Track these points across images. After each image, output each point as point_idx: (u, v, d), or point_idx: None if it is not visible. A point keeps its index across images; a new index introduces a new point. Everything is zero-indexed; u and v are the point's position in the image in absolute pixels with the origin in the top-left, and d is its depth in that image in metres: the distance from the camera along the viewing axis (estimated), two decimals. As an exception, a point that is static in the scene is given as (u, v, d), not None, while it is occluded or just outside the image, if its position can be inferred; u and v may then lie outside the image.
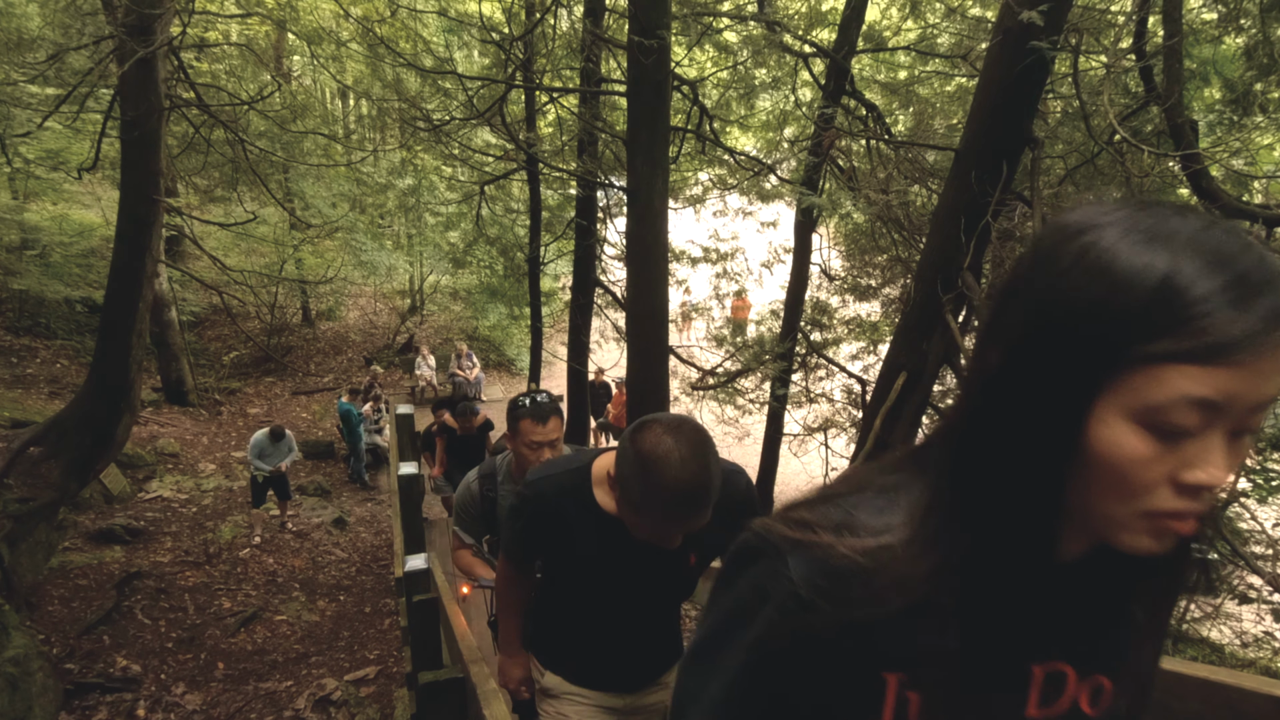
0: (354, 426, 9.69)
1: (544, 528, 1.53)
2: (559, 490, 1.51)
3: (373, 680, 5.75)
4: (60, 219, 11.15)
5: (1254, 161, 4.55)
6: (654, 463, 1.21)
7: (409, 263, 15.60)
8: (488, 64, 9.56)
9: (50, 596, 6.02)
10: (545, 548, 1.59)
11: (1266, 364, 0.48)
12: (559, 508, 1.51)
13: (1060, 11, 3.65)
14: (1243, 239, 0.50)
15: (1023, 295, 0.55)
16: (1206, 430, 0.51)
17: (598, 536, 1.50)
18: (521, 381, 14.28)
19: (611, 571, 1.54)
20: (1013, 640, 0.59)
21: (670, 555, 1.46)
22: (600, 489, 1.51)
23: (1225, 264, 0.48)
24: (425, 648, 3.97)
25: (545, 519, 1.52)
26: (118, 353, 6.27)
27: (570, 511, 1.50)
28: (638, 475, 1.24)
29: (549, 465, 1.60)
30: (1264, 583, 3.78)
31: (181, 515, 7.97)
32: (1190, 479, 0.52)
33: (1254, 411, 0.51)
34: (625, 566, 1.52)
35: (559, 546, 1.55)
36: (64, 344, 11.23)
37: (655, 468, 1.21)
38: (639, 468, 1.23)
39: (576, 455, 1.61)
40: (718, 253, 9.98)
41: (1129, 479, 0.53)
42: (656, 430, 1.25)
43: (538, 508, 1.52)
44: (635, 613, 1.63)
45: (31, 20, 8.41)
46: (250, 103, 8.21)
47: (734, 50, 7.48)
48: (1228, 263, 0.48)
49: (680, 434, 1.24)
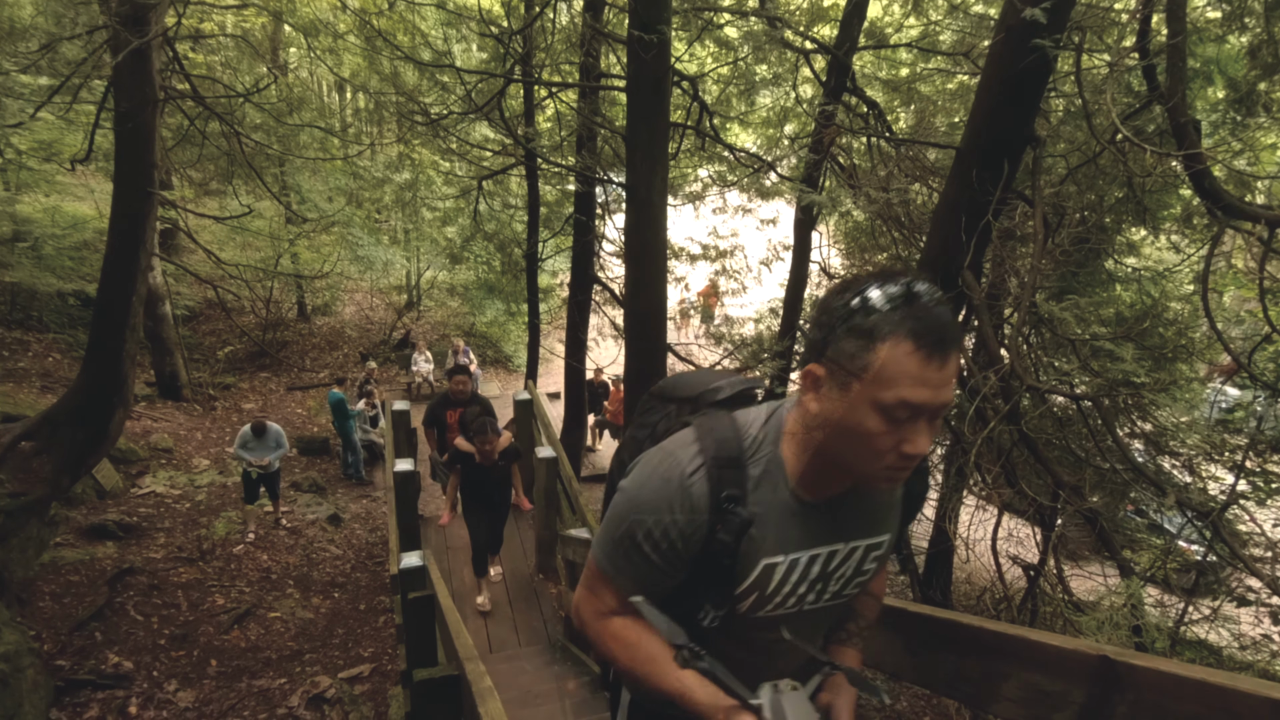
0: (345, 418, 9.62)
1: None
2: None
3: (367, 678, 5.72)
4: (53, 211, 11.06)
5: (1257, 162, 4.54)
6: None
7: (406, 258, 15.54)
8: (486, 58, 9.51)
9: (41, 592, 5.97)
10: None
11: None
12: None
13: (1063, 9, 3.62)
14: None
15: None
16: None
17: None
18: (519, 378, 14.24)
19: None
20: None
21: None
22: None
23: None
24: (420, 645, 3.95)
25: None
26: (111, 347, 6.22)
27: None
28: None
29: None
30: (1263, 585, 3.78)
31: (175, 511, 7.91)
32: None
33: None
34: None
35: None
36: (56, 337, 11.15)
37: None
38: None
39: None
40: (717, 250, 9.97)
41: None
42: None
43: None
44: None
45: (24, 9, 8.32)
46: (246, 95, 8.14)
47: (734, 46, 7.44)
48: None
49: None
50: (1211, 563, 4.19)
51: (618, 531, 1.08)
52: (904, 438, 0.91)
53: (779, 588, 1.08)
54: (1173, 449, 4.52)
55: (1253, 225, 3.49)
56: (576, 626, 1.23)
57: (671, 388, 1.34)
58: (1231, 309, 6.98)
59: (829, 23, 7.48)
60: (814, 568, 1.09)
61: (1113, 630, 3.23)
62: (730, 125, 9.65)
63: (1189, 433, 4.57)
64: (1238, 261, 5.58)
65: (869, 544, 1.13)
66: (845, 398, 0.92)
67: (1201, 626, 3.99)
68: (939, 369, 0.87)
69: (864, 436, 0.92)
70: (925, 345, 0.86)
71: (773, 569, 1.07)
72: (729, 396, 1.25)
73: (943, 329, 0.87)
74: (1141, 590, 3.61)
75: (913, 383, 0.87)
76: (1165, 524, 5.05)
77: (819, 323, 0.96)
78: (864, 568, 1.14)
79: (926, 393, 0.87)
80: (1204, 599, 4.19)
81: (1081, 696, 1.24)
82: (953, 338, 0.88)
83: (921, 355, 0.86)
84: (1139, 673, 1.16)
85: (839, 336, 0.91)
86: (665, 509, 1.02)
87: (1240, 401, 6.24)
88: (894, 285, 0.88)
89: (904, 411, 0.88)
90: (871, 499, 1.12)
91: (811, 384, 0.98)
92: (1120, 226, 5.26)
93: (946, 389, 0.89)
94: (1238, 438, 4.84)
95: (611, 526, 1.10)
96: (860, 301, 0.90)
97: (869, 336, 0.88)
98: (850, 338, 0.90)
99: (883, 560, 1.18)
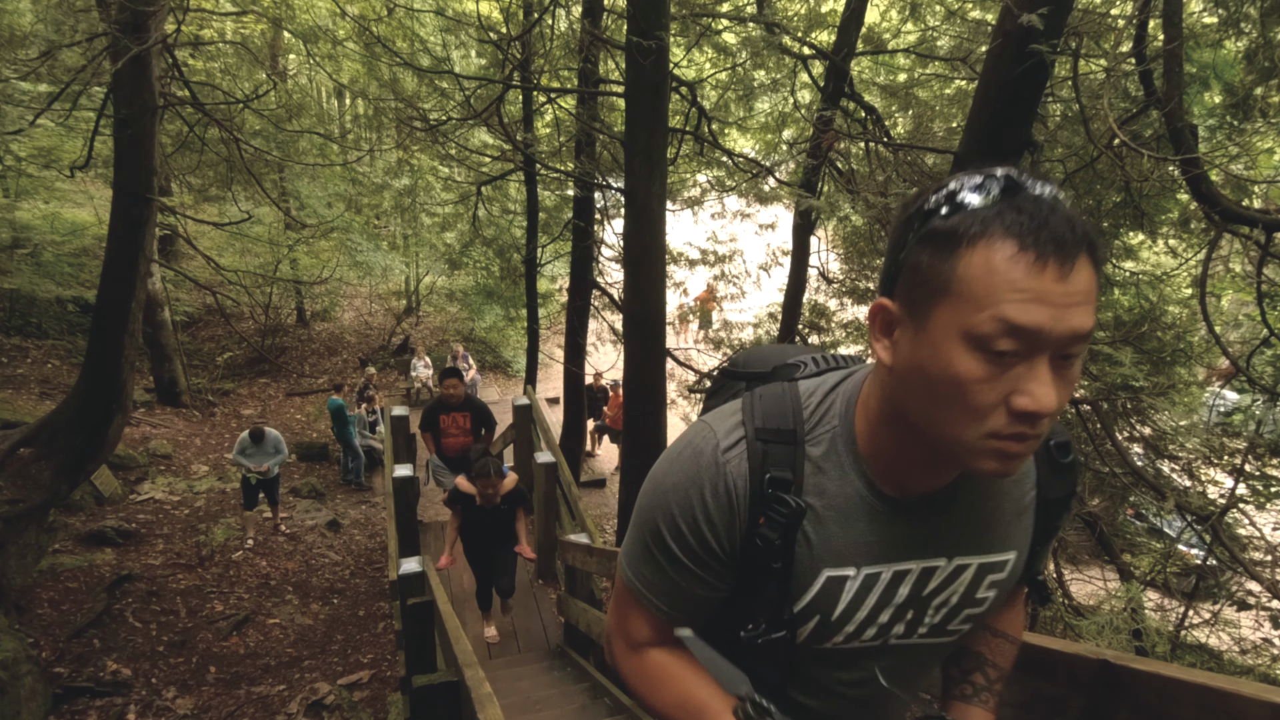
0: (345, 424, 9.61)
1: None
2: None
3: (366, 684, 5.70)
4: (52, 217, 11.07)
5: (1254, 166, 4.55)
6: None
7: (405, 263, 15.55)
8: (485, 64, 9.53)
9: (40, 599, 5.96)
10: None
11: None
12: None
13: (1060, 15, 3.63)
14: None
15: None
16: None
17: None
18: (518, 384, 14.23)
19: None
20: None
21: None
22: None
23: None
24: (419, 651, 3.94)
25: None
26: (110, 353, 6.21)
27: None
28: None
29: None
30: (1263, 589, 3.77)
31: (173, 517, 7.90)
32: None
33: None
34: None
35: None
36: (55, 344, 11.14)
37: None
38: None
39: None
40: (716, 255, 9.98)
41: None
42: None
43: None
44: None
45: (24, 16, 8.35)
46: (245, 101, 8.16)
47: (733, 52, 7.46)
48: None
49: None
50: (1211, 567, 4.18)
51: (642, 529, 0.84)
52: (1015, 387, 0.63)
53: (850, 611, 0.81)
54: (1172, 453, 4.53)
55: (1250, 229, 3.50)
56: (609, 663, 0.97)
57: (743, 362, 1.08)
58: (1229, 313, 6.99)
59: (827, 29, 7.50)
60: (900, 589, 0.81)
61: (1113, 634, 3.22)
62: (729, 130, 9.66)
63: (1188, 436, 4.57)
64: (1235, 265, 5.60)
65: (984, 562, 0.84)
66: (925, 334, 0.66)
67: (1202, 631, 3.99)
68: (1058, 279, 0.61)
69: (955, 386, 0.65)
70: (1034, 244, 0.61)
71: (839, 585, 0.80)
72: (814, 374, 0.95)
73: (1060, 224, 0.62)
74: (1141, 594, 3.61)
75: (1018, 297, 0.61)
76: (1165, 528, 5.05)
77: (890, 244, 0.72)
78: (977, 596, 0.85)
79: (1041, 312, 0.61)
80: (1204, 603, 4.19)
81: (1082, 701, 1.24)
82: (1077, 237, 0.62)
83: (1029, 259, 0.61)
84: (1139, 677, 1.16)
85: (912, 250, 0.68)
86: (695, 491, 0.79)
87: (1239, 405, 6.25)
88: (987, 174, 0.66)
89: (1008, 341, 0.62)
90: (989, 501, 0.83)
91: (882, 326, 0.73)
92: (1118, 231, 5.26)
93: (1075, 312, 0.62)
94: (1237, 441, 4.83)
95: (635, 525, 0.86)
96: (940, 198, 0.67)
97: (951, 240, 0.64)
98: (926, 247, 0.66)
99: (1005, 588, 0.86)
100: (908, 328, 0.69)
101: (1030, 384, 0.63)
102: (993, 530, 0.84)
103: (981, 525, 0.83)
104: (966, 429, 0.66)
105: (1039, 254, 0.61)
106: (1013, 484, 0.85)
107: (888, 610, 0.82)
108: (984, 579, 0.84)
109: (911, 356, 0.68)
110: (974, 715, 0.96)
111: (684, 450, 0.82)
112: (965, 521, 0.82)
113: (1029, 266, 0.61)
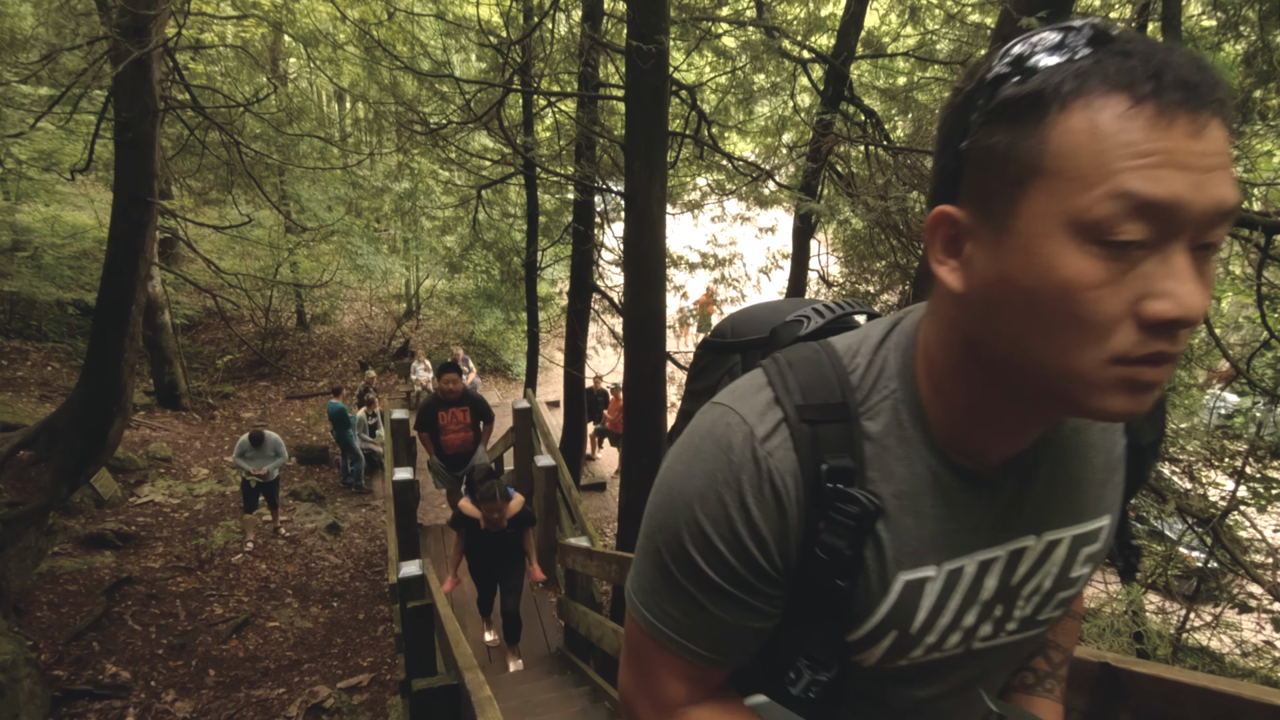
0: (345, 426, 9.61)
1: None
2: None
3: (366, 688, 5.69)
4: (52, 220, 11.08)
5: (1253, 169, 4.56)
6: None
7: (405, 267, 15.56)
8: (485, 68, 9.55)
9: (39, 602, 5.95)
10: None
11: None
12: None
13: (1059, 17, 3.64)
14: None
15: None
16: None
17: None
18: (518, 387, 14.23)
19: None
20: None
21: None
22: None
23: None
24: (419, 655, 3.94)
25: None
26: (110, 356, 6.22)
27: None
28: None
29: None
30: (1264, 591, 3.77)
31: (173, 520, 7.89)
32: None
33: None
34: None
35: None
36: (55, 346, 11.14)
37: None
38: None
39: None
40: (715, 258, 9.99)
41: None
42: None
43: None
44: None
45: (25, 20, 8.36)
46: (246, 105, 8.18)
47: (733, 55, 7.48)
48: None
49: None
50: (1212, 569, 4.18)
51: (661, 554, 0.64)
52: (1146, 289, 0.47)
53: (931, 619, 0.64)
54: (1173, 455, 4.53)
55: (1250, 232, 3.50)
56: None
57: (731, 330, 0.87)
58: (1230, 315, 6.99)
59: (826, 32, 7.52)
60: (987, 581, 0.65)
61: (1114, 637, 3.22)
62: (729, 134, 9.68)
63: (1188, 439, 4.57)
64: (1235, 268, 5.60)
65: (1077, 534, 0.68)
66: (1012, 236, 0.50)
67: (1203, 633, 3.99)
68: (1190, 135, 0.46)
69: (1062, 298, 0.48)
70: (1154, 93, 0.46)
71: (918, 590, 0.63)
72: (821, 328, 0.77)
73: (1184, 65, 0.46)
74: (1142, 597, 3.61)
75: (1141, 163, 0.45)
76: (1166, 530, 5.05)
77: (941, 140, 0.56)
78: (1071, 575, 0.69)
79: (1176, 179, 0.45)
80: (1205, 605, 4.19)
81: (1083, 704, 1.23)
82: (1208, 81, 0.46)
83: (1149, 112, 0.46)
84: (1140, 680, 1.15)
85: (979, 133, 0.51)
86: (731, 494, 0.60)
87: (1239, 407, 6.25)
88: (1065, 28, 0.50)
89: (1135, 226, 0.46)
90: (1077, 458, 0.67)
91: (945, 242, 0.55)
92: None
93: (1217, 178, 0.46)
94: (1237, 444, 4.83)
95: (646, 549, 0.66)
96: (1009, 62, 0.50)
97: (1037, 105, 0.48)
98: (1000, 123, 0.50)
99: (1098, 561, 0.71)
100: (984, 235, 0.52)
101: (1167, 282, 0.47)
102: (1084, 493, 0.68)
103: (1071, 489, 0.67)
104: (1082, 356, 0.49)
105: (1161, 105, 0.46)
106: (1102, 433, 0.69)
107: (973, 610, 0.66)
108: (1079, 553, 0.69)
109: (995, 270, 0.51)
110: (1039, 707, 0.80)
111: (703, 443, 0.63)
112: (1053, 487, 0.66)
113: (1150, 121, 0.46)
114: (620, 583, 3.99)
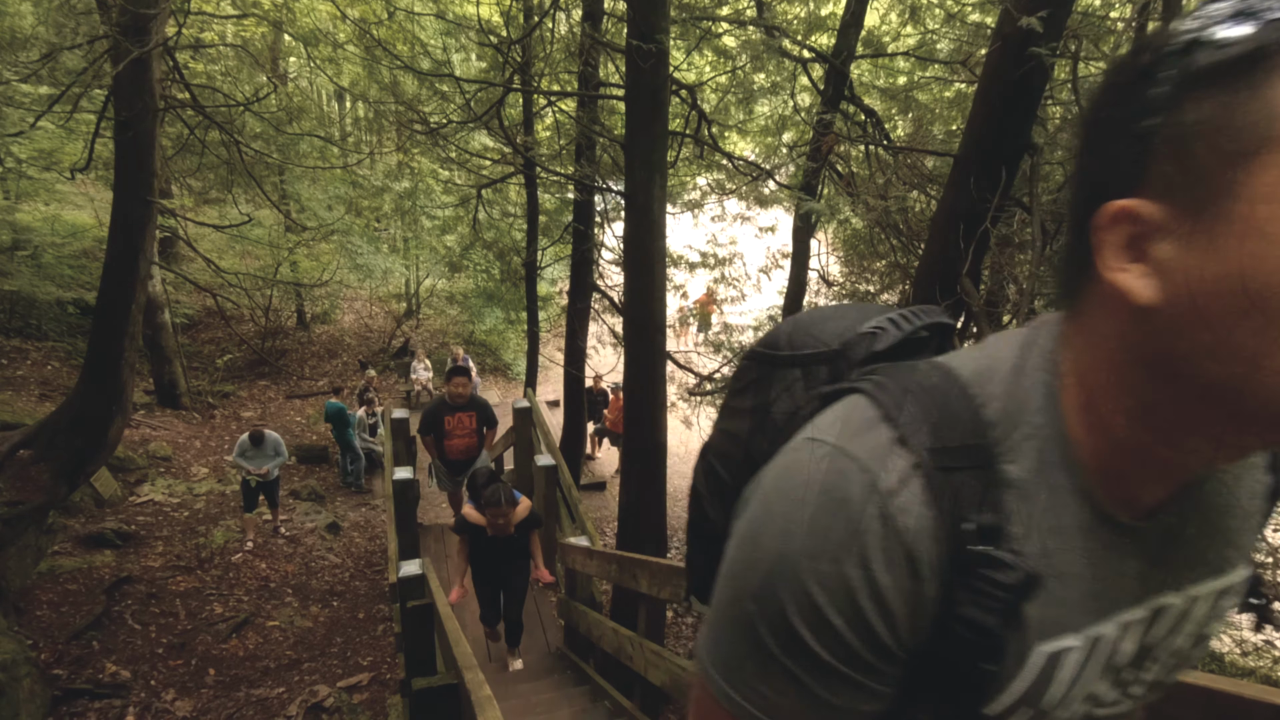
0: (345, 425, 9.61)
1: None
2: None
3: (366, 687, 5.69)
4: (52, 220, 11.08)
5: None
6: None
7: (405, 266, 15.56)
8: (485, 67, 9.56)
9: (39, 601, 5.95)
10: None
11: None
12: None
13: (1060, 18, 3.64)
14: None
15: None
16: None
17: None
18: (518, 387, 14.23)
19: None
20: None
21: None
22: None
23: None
24: (419, 654, 3.94)
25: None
26: (110, 355, 6.22)
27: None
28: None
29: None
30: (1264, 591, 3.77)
31: (173, 519, 7.89)
32: None
33: None
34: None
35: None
36: (55, 346, 11.14)
37: None
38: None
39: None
40: (715, 258, 10.00)
41: None
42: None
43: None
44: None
45: (25, 19, 8.37)
46: (246, 104, 8.18)
47: (733, 55, 7.48)
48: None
49: None
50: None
51: (753, 622, 0.51)
52: None
53: (1069, 692, 0.54)
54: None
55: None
56: None
57: (788, 339, 0.75)
58: None
59: (827, 32, 7.52)
60: (1124, 645, 0.55)
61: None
62: (729, 134, 9.69)
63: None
64: None
65: (1220, 588, 0.59)
66: (1238, 224, 0.41)
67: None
68: None
69: None
70: None
71: (1057, 662, 0.52)
72: (898, 344, 0.68)
73: None
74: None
75: None
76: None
77: (1104, 125, 0.47)
78: (1205, 631, 0.60)
79: None
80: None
81: (1083, 703, 1.23)
82: None
83: None
84: (1140, 679, 1.15)
85: (1174, 106, 0.42)
86: (852, 560, 0.48)
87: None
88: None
89: None
90: (1221, 501, 0.57)
91: (1128, 245, 0.45)
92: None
93: None
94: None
95: (733, 618, 0.53)
96: (1202, 23, 0.42)
97: (1257, 63, 0.40)
98: (1207, 90, 0.41)
99: (1226, 615, 0.61)
100: (1192, 228, 0.43)
101: None
102: (1227, 540, 0.58)
103: (1215, 536, 0.57)
104: None
105: None
106: (1245, 471, 0.59)
107: (1107, 677, 0.56)
108: (1219, 609, 0.59)
109: (1211, 270, 0.42)
110: None
111: (808, 493, 0.50)
112: (1198, 535, 0.56)
113: None
114: (620, 582, 3.99)
